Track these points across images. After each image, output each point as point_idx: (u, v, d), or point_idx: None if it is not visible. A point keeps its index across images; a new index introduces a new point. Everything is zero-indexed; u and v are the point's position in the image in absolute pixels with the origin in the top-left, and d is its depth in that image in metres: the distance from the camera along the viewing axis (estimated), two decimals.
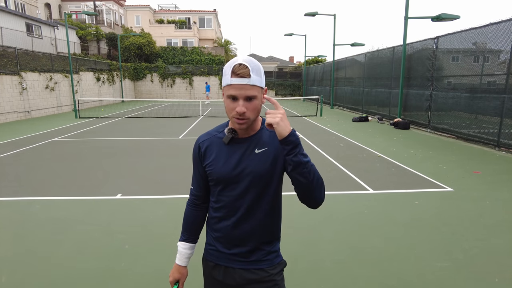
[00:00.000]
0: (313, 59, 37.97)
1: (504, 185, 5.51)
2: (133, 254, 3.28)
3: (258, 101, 1.27)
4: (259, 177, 1.33)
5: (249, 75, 1.22)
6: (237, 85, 1.22)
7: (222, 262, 1.43)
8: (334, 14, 20.48)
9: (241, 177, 1.33)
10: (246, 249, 1.39)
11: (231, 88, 1.24)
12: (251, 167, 1.33)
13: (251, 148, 1.35)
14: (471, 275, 2.93)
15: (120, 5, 39.62)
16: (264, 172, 1.33)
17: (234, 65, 1.23)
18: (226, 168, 1.34)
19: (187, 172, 6.20)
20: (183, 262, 1.51)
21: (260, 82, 1.27)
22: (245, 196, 1.35)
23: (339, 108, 21.53)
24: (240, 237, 1.38)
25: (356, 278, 2.90)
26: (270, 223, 1.42)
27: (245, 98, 1.23)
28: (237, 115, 1.25)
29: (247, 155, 1.34)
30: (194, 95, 32.91)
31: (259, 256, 1.40)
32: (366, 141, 9.53)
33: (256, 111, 1.28)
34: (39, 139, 9.75)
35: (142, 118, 15.75)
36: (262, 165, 1.33)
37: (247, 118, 1.26)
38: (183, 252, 1.51)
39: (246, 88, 1.22)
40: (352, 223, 4.04)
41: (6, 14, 19.70)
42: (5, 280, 2.86)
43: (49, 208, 4.53)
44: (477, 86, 9.38)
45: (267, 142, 1.35)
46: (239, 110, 1.23)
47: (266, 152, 1.34)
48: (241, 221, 1.37)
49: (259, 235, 1.39)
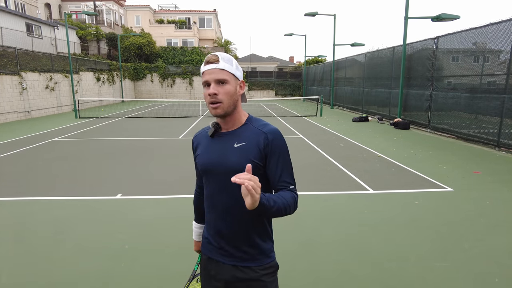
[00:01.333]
0: (313, 59, 37.97)
1: (504, 185, 5.51)
2: (133, 254, 3.28)
3: (230, 86, 1.33)
4: (234, 173, 1.23)
5: (217, 61, 1.31)
6: (207, 70, 1.32)
7: (213, 256, 1.45)
8: (334, 14, 20.49)
9: (220, 171, 1.36)
10: (232, 244, 1.40)
11: (204, 76, 1.33)
12: (228, 161, 1.34)
13: (231, 142, 1.37)
14: (471, 275, 2.93)
15: (120, 5, 39.62)
16: (240, 167, 1.27)
17: (206, 57, 1.34)
18: (207, 160, 1.40)
19: (187, 172, 6.20)
20: (197, 238, 1.71)
21: (231, 69, 1.34)
22: (223, 191, 1.37)
23: (339, 108, 21.53)
24: (225, 231, 1.40)
25: (356, 278, 2.90)
26: (254, 222, 1.39)
27: (216, 82, 1.31)
28: (211, 99, 1.31)
29: (226, 148, 1.37)
30: (194, 95, 32.92)
31: (247, 254, 1.39)
32: (366, 141, 9.53)
33: (228, 95, 1.32)
34: (39, 139, 9.75)
35: (142, 118, 15.75)
36: (238, 160, 1.32)
37: (220, 102, 1.31)
38: (195, 230, 1.71)
39: (215, 72, 1.31)
40: (352, 223, 4.04)
41: (6, 14, 19.70)
42: (5, 280, 2.86)
43: (49, 208, 4.53)
44: (477, 86, 9.38)
45: (248, 137, 1.36)
46: (210, 91, 1.30)
47: (245, 148, 1.34)
48: (223, 215, 1.39)
49: (244, 232, 1.39)
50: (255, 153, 1.34)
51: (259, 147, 1.34)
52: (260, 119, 1.45)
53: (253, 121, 1.43)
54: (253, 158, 1.34)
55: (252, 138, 1.36)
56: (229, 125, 1.40)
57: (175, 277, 2.92)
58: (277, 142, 1.36)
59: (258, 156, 1.34)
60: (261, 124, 1.41)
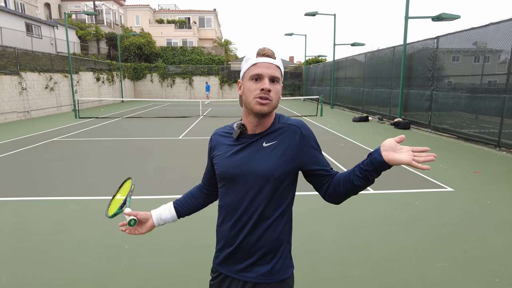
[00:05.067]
0: (313, 59, 37.95)
1: (505, 185, 5.50)
2: (133, 254, 3.27)
3: (279, 87, 1.23)
4: (265, 180, 1.22)
5: (274, 56, 1.21)
6: (264, 63, 1.18)
7: (224, 271, 1.33)
8: (334, 14, 20.49)
9: (248, 179, 1.23)
10: (247, 258, 1.27)
11: (257, 68, 1.19)
12: (257, 167, 1.22)
13: (259, 144, 1.25)
14: (471, 275, 2.92)
15: (120, 5, 39.59)
16: (272, 173, 1.21)
17: (258, 49, 1.21)
18: (230, 163, 1.26)
19: (187, 172, 6.19)
20: (156, 218, 1.57)
21: (282, 70, 1.25)
22: (245, 197, 1.24)
23: (339, 108, 21.52)
24: (240, 243, 1.27)
25: (356, 278, 2.90)
26: (274, 231, 1.27)
27: (270, 79, 1.19)
28: (261, 93, 1.17)
29: (254, 152, 1.24)
30: (194, 95, 32.91)
31: (260, 268, 1.26)
32: (366, 141, 9.52)
33: (278, 96, 1.22)
34: (39, 139, 9.74)
35: (142, 118, 15.75)
36: (269, 163, 1.22)
37: (271, 100, 1.19)
38: (163, 211, 1.56)
39: (272, 68, 1.19)
40: (352, 223, 4.03)
41: (6, 14, 19.69)
42: (5, 280, 2.85)
43: (49, 208, 4.52)
44: (477, 86, 9.37)
45: (278, 135, 1.25)
46: (266, 86, 1.16)
47: (276, 147, 1.23)
48: (240, 226, 1.26)
49: (262, 244, 1.26)
50: (289, 152, 1.24)
51: (292, 144, 1.25)
52: (282, 114, 1.35)
53: (279, 117, 1.32)
54: (286, 159, 1.24)
55: (284, 135, 1.26)
56: (259, 127, 1.26)
57: (175, 277, 2.91)
58: (309, 133, 1.30)
59: (292, 154, 1.24)
60: (286, 118, 1.32)
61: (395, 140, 1.13)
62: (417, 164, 1.09)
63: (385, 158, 1.13)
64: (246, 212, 1.25)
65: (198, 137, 10.31)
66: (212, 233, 3.81)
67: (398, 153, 1.11)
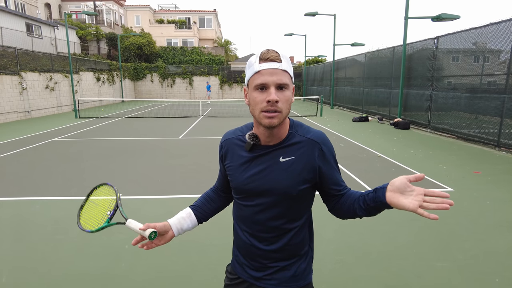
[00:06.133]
0: (313, 59, 37.96)
1: (504, 185, 5.50)
2: (133, 254, 3.28)
3: (289, 93, 1.09)
4: (281, 196, 1.16)
5: (279, 60, 1.06)
6: (267, 70, 1.05)
7: (244, 276, 1.30)
8: (334, 14, 20.48)
9: (260, 192, 1.18)
10: (267, 268, 1.25)
11: (260, 76, 1.06)
12: (274, 181, 1.15)
13: (275, 158, 1.16)
14: (471, 275, 2.93)
15: (120, 5, 39.62)
16: (287, 187, 1.15)
17: (261, 52, 1.07)
18: (244, 179, 1.19)
19: (187, 172, 6.20)
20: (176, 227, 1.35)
21: (291, 71, 1.11)
22: (262, 212, 1.19)
23: (339, 108, 21.53)
24: (259, 253, 1.24)
25: (356, 278, 2.90)
26: (295, 241, 1.24)
27: (277, 86, 1.06)
28: (268, 106, 1.05)
29: (270, 166, 1.16)
30: (194, 95, 32.92)
31: (281, 275, 1.24)
32: (366, 141, 9.53)
33: (288, 104, 1.09)
34: (39, 139, 9.74)
35: (142, 118, 15.75)
36: (286, 178, 1.15)
37: (280, 111, 1.07)
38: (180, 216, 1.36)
39: (277, 74, 1.05)
40: (352, 223, 4.03)
41: (6, 14, 19.70)
42: (5, 280, 2.86)
43: (49, 208, 4.53)
44: (477, 86, 9.37)
45: (296, 150, 1.16)
46: (272, 97, 1.03)
47: (293, 163, 1.15)
48: (259, 238, 1.23)
49: (283, 254, 1.24)
50: (307, 169, 1.16)
51: (311, 161, 1.16)
52: (301, 123, 1.23)
53: (297, 127, 1.21)
54: (305, 176, 1.16)
55: (302, 151, 1.16)
56: (273, 139, 1.16)
57: (175, 277, 2.92)
58: (329, 149, 1.21)
59: (310, 171, 1.17)
60: (305, 130, 1.21)
61: (409, 179, 1.02)
62: (423, 212, 0.99)
63: (388, 200, 1.05)
64: (264, 226, 1.21)
65: (198, 137, 10.32)
66: (212, 232, 3.82)
67: (405, 196, 1.02)
